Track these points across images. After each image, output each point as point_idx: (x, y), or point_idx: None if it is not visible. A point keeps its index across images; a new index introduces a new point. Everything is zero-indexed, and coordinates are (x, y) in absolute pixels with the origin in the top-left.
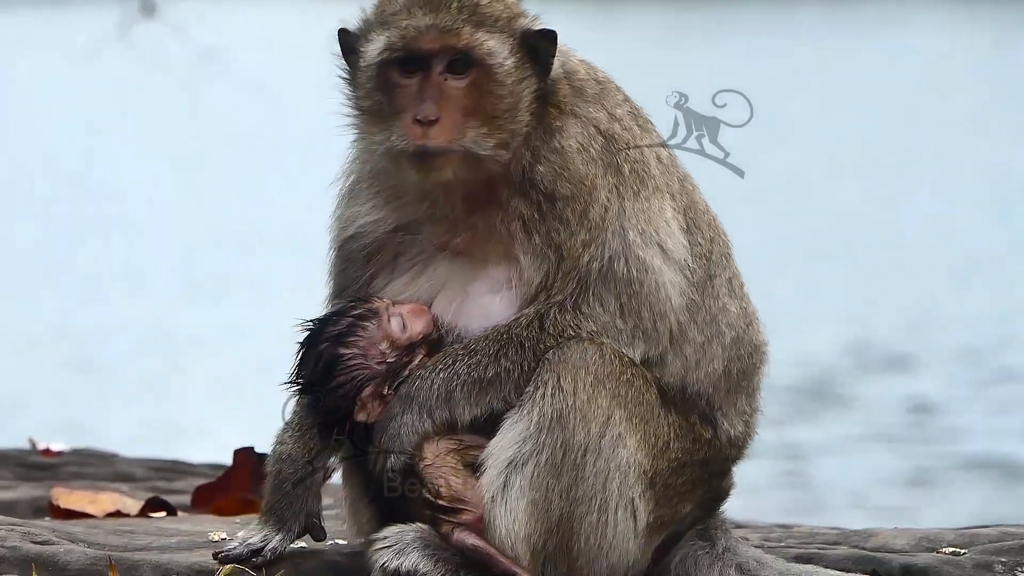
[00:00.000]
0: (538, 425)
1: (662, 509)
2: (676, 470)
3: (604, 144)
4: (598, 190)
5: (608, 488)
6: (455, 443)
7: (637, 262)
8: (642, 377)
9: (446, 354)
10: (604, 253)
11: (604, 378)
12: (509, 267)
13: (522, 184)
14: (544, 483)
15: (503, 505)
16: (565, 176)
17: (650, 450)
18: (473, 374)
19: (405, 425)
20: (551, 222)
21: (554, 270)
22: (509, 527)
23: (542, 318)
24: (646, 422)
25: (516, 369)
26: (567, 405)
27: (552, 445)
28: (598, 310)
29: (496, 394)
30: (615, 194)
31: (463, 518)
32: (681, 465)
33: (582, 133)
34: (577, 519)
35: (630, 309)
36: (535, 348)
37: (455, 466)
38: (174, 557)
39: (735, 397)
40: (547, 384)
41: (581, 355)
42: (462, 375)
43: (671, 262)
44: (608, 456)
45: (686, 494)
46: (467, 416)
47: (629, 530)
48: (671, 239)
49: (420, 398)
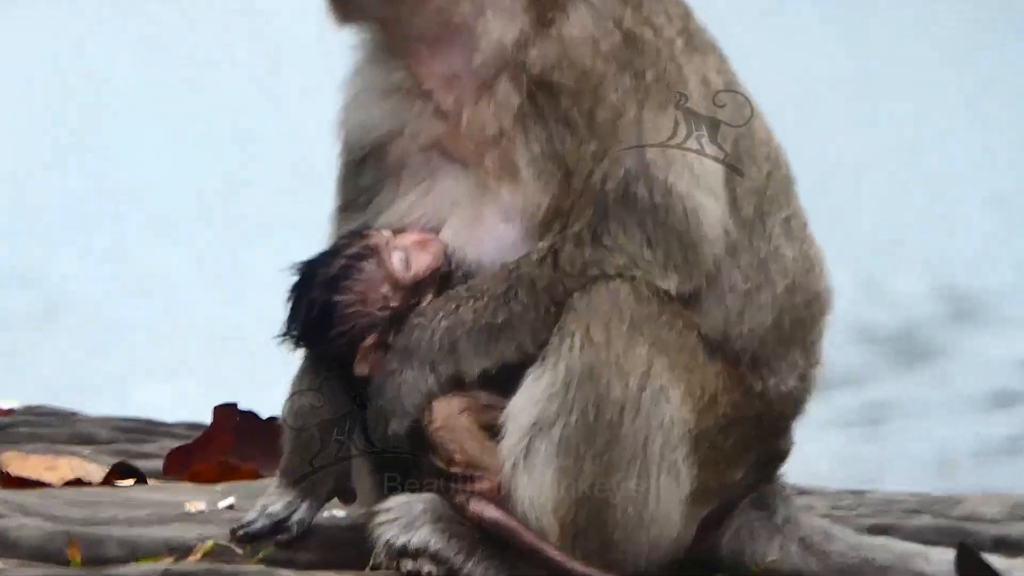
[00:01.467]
0: (565, 381)
1: (709, 474)
2: (725, 428)
3: (623, 43)
4: (606, 88)
5: (649, 450)
6: (469, 402)
7: (659, 185)
8: (683, 318)
9: (448, 298)
10: (619, 171)
11: (641, 322)
12: (513, 184)
13: (514, 69)
14: (574, 446)
15: (527, 472)
16: (564, 65)
17: (695, 404)
18: (480, 320)
19: (406, 383)
20: (551, 123)
21: (563, 190)
22: (534, 497)
23: (556, 253)
24: (690, 372)
25: (529, 313)
26: (599, 358)
27: (583, 403)
28: (622, 240)
29: (508, 342)
30: (631, 100)
31: (480, 487)
32: (730, 422)
33: (592, 24)
34: (612, 488)
35: (657, 239)
36: (550, 288)
37: (470, 428)
38: (145, 531)
39: (787, 351)
40: (574, 335)
41: (612, 298)
42: (467, 322)
43: (703, 189)
44: (649, 413)
45: (737, 456)
46: (476, 369)
47: (672, 499)
48: (701, 163)
49: (421, 351)
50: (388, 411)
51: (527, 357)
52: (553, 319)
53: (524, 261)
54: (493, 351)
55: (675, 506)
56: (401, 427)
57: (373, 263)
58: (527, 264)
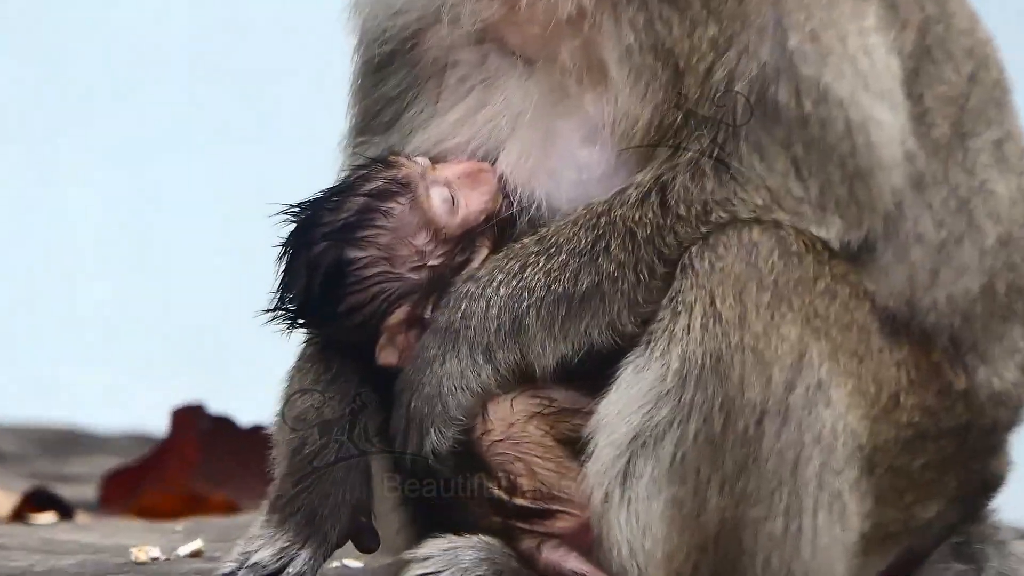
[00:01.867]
0: (680, 374)
1: (888, 509)
2: (911, 443)
3: None
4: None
5: (800, 475)
6: (541, 404)
7: (809, 86)
8: (849, 282)
9: (510, 256)
10: (750, 67)
11: (790, 289)
12: (600, 90)
13: None
14: (693, 470)
15: (625, 506)
16: None
17: (868, 409)
18: (556, 286)
19: (450, 377)
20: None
21: (671, 97)
22: (635, 541)
23: (664, 189)
24: (860, 361)
25: (627, 275)
26: (729, 342)
27: (706, 407)
28: (759, 168)
29: (596, 318)
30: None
31: (558, 527)
32: (919, 435)
33: None
34: (748, 529)
35: (809, 166)
36: (656, 240)
37: (542, 442)
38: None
39: (1002, 330)
40: (692, 308)
41: (746, 254)
42: (538, 289)
43: (874, 93)
44: (801, 421)
45: (929, 484)
46: (550, 357)
47: (835, 545)
48: (869, 57)
49: (471, 331)
50: (424, 417)
51: (624, 340)
52: (661, 285)
53: (618, 201)
54: (574, 331)
55: (839, 556)
56: (443, 440)
57: (404, 204)
58: (622, 205)
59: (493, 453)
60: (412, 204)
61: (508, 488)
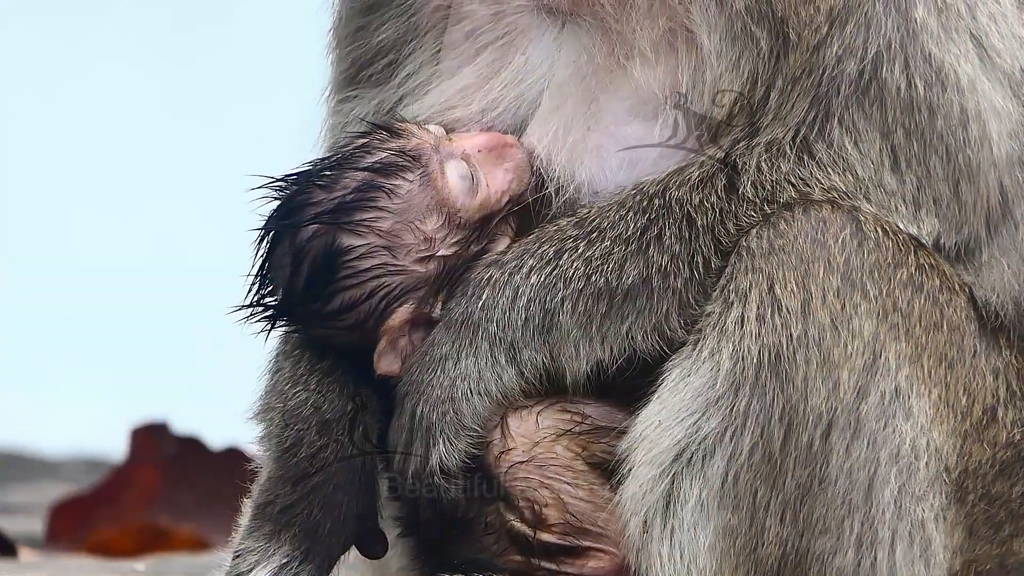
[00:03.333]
0: (733, 377)
1: (983, 544)
2: (1010, 466)
3: None
4: None
5: (876, 501)
6: (572, 421)
7: (927, 68)
8: (940, 272)
9: (542, 240)
10: (868, 44)
11: (864, 274)
12: (675, 59)
13: None
14: (749, 493)
15: (668, 538)
16: None
17: (958, 424)
18: (596, 278)
19: (466, 378)
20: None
21: (767, 71)
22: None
23: (734, 169)
24: (950, 367)
25: (682, 268)
26: (792, 335)
27: (763, 416)
28: (850, 151)
29: (642, 320)
30: None
31: (590, 567)
32: (1020, 456)
33: None
34: (814, 565)
35: (910, 155)
36: (720, 228)
37: (573, 466)
38: None
39: None
40: (748, 297)
41: (814, 235)
42: (575, 279)
43: (994, 73)
44: (875, 436)
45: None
46: (585, 362)
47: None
48: (999, 26)
49: (492, 325)
50: (432, 425)
51: (671, 348)
52: (715, 283)
53: (675, 182)
54: (615, 332)
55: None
56: (453, 454)
57: (412, 182)
58: (681, 187)
59: (514, 477)
60: (423, 182)
61: (532, 520)
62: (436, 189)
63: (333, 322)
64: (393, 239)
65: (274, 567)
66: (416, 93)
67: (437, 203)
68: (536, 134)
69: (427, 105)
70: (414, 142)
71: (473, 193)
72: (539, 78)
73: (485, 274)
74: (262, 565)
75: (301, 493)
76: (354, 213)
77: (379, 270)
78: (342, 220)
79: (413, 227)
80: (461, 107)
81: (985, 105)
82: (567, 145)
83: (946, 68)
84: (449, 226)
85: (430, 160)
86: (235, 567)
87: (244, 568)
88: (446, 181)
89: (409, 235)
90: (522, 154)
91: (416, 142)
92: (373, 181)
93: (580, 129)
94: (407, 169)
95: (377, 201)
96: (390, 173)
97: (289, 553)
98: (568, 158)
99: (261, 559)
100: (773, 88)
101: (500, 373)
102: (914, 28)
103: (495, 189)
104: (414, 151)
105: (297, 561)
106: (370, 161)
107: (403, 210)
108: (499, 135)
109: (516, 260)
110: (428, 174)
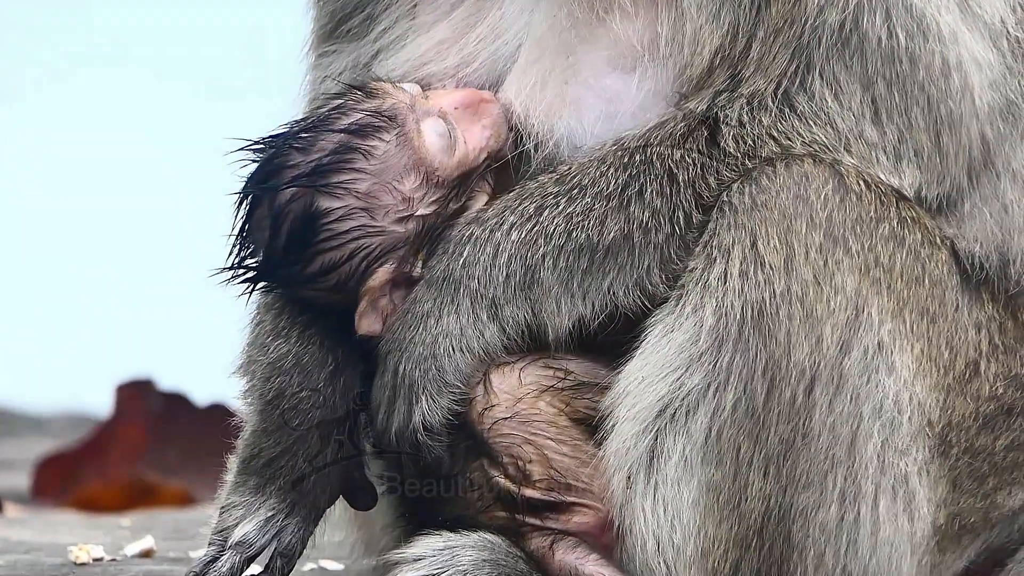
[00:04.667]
0: (716, 333)
1: (967, 498)
2: (993, 419)
3: None
4: None
5: (858, 456)
6: (555, 377)
7: (908, 18)
8: (922, 225)
9: (523, 196)
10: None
11: (847, 229)
12: (654, 11)
13: None
14: (732, 448)
15: (651, 493)
16: None
17: (941, 378)
18: (577, 234)
19: (448, 335)
20: None
21: (748, 23)
22: (664, 536)
23: (715, 123)
24: (932, 321)
25: (662, 224)
26: (775, 291)
27: (746, 372)
28: (831, 104)
29: (624, 275)
30: None
31: (575, 523)
32: (1003, 409)
33: None
34: (797, 519)
35: (891, 106)
36: (701, 182)
37: (557, 422)
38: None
39: None
40: (731, 252)
41: (796, 189)
42: (556, 235)
43: (975, 22)
44: (857, 391)
45: (1015, 468)
46: (567, 318)
47: (900, 538)
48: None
49: (473, 282)
50: (414, 383)
51: (652, 302)
52: (696, 237)
53: (656, 137)
54: (596, 288)
55: (905, 551)
56: (436, 411)
57: (389, 142)
58: (662, 142)
59: (498, 433)
60: (400, 141)
61: (516, 476)
62: (413, 148)
63: (314, 284)
64: (371, 200)
65: (259, 521)
66: (392, 48)
67: (414, 162)
68: (513, 89)
69: (402, 60)
70: (389, 102)
71: (451, 151)
72: (516, 33)
73: (466, 231)
74: (247, 519)
75: (285, 445)
76: (331, 175)
77: (358, 231)
78: (319, 183)
79: (391, 187)
80: (436, 62)
81: (966, 55)
82: (545, 99)
83: (927, 18)
84: (427, 185)
85: (406, 119)
86: (221, 522)
87: (230, 523)
88: (423, 140)
89: (387, 196)
90: (499, 110)
91: (391, 102)
92: (349, 143)
93: (558, 83)
94: (383, 129)
95: (354, 163)
96: (366, 134)
97: (275, 506)
98: (546, 112)
99: (247, 513)
100: (755, 39)
101: (482, 329)
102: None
103: (473, 146)
104: (390, 111)
105: (283, 514)
106: (346, 123)
107: (380, 171)
108: (475, 91)
109: (497, 217)
110: (404, 134)
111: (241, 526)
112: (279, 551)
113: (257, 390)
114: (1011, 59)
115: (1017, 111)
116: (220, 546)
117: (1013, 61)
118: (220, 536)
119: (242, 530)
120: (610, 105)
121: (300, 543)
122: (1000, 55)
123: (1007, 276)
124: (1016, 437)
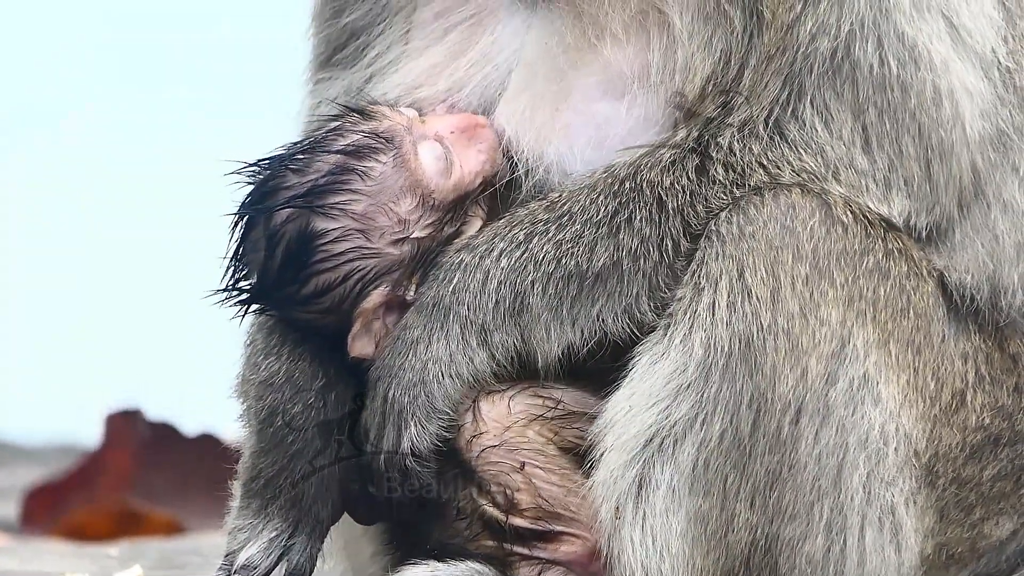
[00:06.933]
0: (704, 364)
1: (954, 528)
2: (980, 449)
3: None
4: None
5: (845, 487)
6: (544, 406)
7: (900, 47)
8: (908, 257)
9: (513, 223)
10: (841, 22)
11: (832, 262)
12: (646, 38)
13: None
14: (719, 478)
15: (639, 524)
16: None
17: (927, 409)
18: (567, 261)
19: (437, 361)
20: None
21: (740, 50)
22: (652, 566)
23: (705, 150)
24: (918, 353)
25: (651, 251)
26: (762, 324)
27: (733, 403)
28: (821, 132)
29: (613, 302)
30: None
31: (563, 552)
32: (991, 440)
33: None
34: (784, 550)
35: (882, 134)
36: (689, 210)
37: (545, 450)
38: None
39: None
40: (719, 283)
41: (783, 220)
42: (545, 262)
43: (966, 52)
44: (843, 422)
45: (1002, 498)
46: (556, 345)
47: (887, 569)
48: (970, 6)
49: (463, 308)
50: (403, 409)
51: (641, 330)
52: (684, 266)
53: (647, 164)
54: (585, 315)
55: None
56: (425, 437)
57: (386, 164)
58: (652, 168)
59: (486, 461)
60: (396, 163)
61: (503, 505)
62: (410, 170)
63: (308, 305)
64: (367, 221)
65: (263, 542)
66: (384, 72)
67: (411, 184)
68: (504, 114)
69: (394, 84)
70: (386, 124)
71: (447, 174)
72: (507, 58)
73: (456, 258)
74: (252, 542)
75: (282, 463)
76: (327, 196)
77: (353, 253)
78: (315, 203)
79: (387, 209)
80: (427, 86)
81: (957, 84)
82: (535, 125)
83: (919, 47)
84: (423, 207)
85: (403, 142)
86: (228, 547)
87: (235, 547)
88: (419, 162)
89: (383, 217)
90: (494, 135)
91: (388, 124)
92: (346, 164)
93: (548, 108)
94: (380, 151)
95: (350, 184)
96: (363, 155)
97: (278, 526)
98: (536, 137)
99: (251, 536)
100: (747, 67)
101: (471, 356)
102: (887, 6)
103: (468, 170)
104: (387, 133)
105: (287, 534)
106: (343, 144)
107: (377, 192)
108: (471, 116)
109: (487, 244)
110: (401, 156)
111: (246, 549)
112: (290, 572)
113: (252, 410)
114: (1002, 89)
115: (1008, 141)
116: (227, 570)
117: (1004, 91)
118: (227, 560)
119: (247, 553)
120: (600, 131)
121: (309, 561)
122: (991, 85)
123: (997, 307)
124: (1003, 467)
